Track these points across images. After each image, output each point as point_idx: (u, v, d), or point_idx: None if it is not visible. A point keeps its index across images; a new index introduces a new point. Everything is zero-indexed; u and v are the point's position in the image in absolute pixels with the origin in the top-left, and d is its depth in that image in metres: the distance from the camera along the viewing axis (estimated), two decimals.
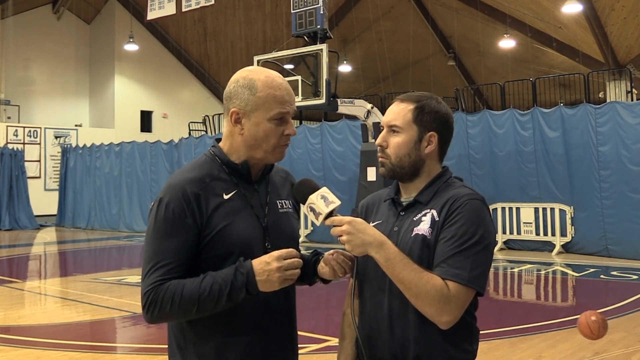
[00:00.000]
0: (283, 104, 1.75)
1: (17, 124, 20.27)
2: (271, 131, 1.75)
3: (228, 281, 1.63)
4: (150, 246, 1.70)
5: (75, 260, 12.51)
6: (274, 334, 1.78)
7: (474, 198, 1.74)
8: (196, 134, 19.65)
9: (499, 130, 11.92)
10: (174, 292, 1.62)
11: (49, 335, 5.95)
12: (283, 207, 1.86)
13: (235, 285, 1.62)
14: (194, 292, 1.62)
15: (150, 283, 1.65)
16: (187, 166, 1.80)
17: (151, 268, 1.66)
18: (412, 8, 21.58)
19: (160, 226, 1.68)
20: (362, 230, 1.66)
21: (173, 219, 1.67)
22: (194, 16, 21.14)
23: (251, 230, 1.73)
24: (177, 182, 1.72)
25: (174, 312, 1.64)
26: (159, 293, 1.63)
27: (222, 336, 1.71)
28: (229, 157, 1.78)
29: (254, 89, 1.74)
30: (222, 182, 1.76)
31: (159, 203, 1.71)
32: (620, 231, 10.31)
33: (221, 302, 1.63)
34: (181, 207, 1.68)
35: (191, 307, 1.62)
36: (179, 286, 1.63)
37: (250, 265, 1.64)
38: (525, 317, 6.58)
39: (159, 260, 1.66)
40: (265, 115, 1.74)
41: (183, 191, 1.69)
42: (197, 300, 1.61)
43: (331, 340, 5.37)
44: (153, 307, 1.64)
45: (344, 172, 13.35)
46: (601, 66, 16.97)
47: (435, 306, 1.62)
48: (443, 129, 1.83)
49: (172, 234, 1.67)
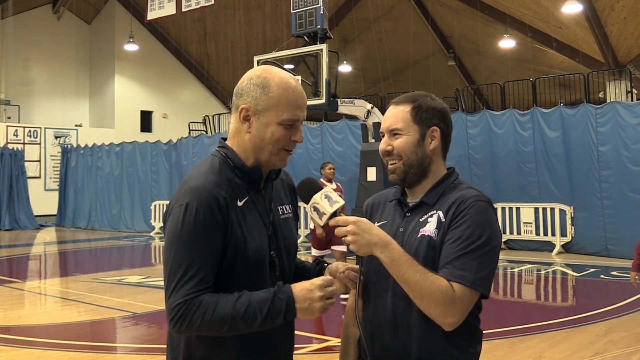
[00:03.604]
0: (295, 109, 1.69)
1: (17, 124, 20.26)
2: (279, 134, 1.68)
3: (265, 305, 1.55)
4: (177, 254, 1.58)
5: (75, 260, 12.51)
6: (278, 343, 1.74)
7: (481, 200, 1.73)
8: (196, 134, 19.64)
9: (498, 131, 11.93)
10: (206, 308, 1.53)
11: (49, 335, 5.95)
12: (284, 212, 1.82)
13: (273, 312, 1.55)
14: (228, 312, 1.54)
15: (182, 296, 1.54)
16: (203, 168, 1.70)
17: (180, 279, 1.55)
18: (412, 8, 21.58)
19: (190, 233, 1.57)
20: (367, 230, 1.65)
21: (204, 226, 1.57)
22: (194, 16, 21.12)
23: (260, 240, 1.69)
24: (202, 185, 1.62)
25: (203, 329, 1.56)
26: (190, 308, 1.54)
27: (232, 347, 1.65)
28: (242, 160, 1.71)
29: (267, 88, 1.68)
30: (236, 187, 1.69)
31: (186, 208, 1.58)
32: (620, 231, 10.31)
33: (254, 325, 1.55)
34: (212, 213, 1.58)
35: (222, 327, 1.55)
36: (211, 303, 1.54)
37: (290, 292, 1.57)
38: (525, 317, 6.58)
39: (188, 270, 1.56)
40: (276, 118, 1.68)
41: (212, 196, 1.60)
42: (230, 321, 1.54)
43: (331, 340, 5.37)
44: (182, 322, 1.54)
45: (344, 172, 13.35)
46: (601, 66, 16.96)
47: (440, 307, 1.62)
48: (443, 122, 1.84)
49: (203, 242, 1.57)
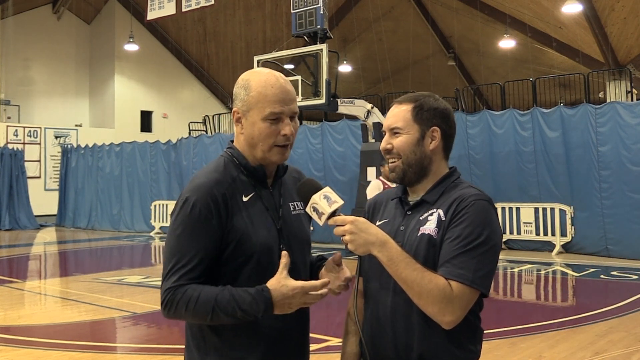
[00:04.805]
0: (275, 104, 1.73)
1: (17, 124, 20.26)
2: (266, 131, 1.74)
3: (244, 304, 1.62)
4: (173, 245, 1.69)
5: (75, 260, 12.51)
6: (291, 338, 1.79)
7: (481, 199, 1.74)
8: (196, 134, 19.65)
9: (498, 131, 11.92)
10: (189, 298, 1.63)
11: (49, 335, 5.95)
12: (295, 209, 1.87)
13: (250, 312, 1.63)
14: (209, 304, 1.62)
15: (170, 284, 1.66)
16: (209, 167, 1.80)
17: (172, 267, 1.67)
18: (412, 8, 21.58)
19: (186, 226, 1.68)
20: (365, 230, 1.66)
21: (199, 219, 1.67)
22: (194, 16, 21.13)
23: (268, 233, 1.74)
24: (203, 183, 1.71)
25: (188, 316, 1.67)
26: (176, 295, 1.64)
27: (245, 339, 1.72)
28: (246, 159, 1.79)
29: (249, 88, 1.76)
30: (241, 184, 1.77)
31: (184, 202, 1.69)
32: (620, 231, 10.32)
33: (235, 319, 1.64)
34: (208, 208, 1.67)
35: (204, 316, 1.64)
36: (195, 293, 1.63)
37: (269, 297, 1.62)
38: (525, 317, 6.58)
39: (180, 260, 1.66)
40: (260, 115, 1.74)
41: (210, 192, 1.69)
42: (212, 312, 1.63)
43: (331, 340, 5.37)
44: (169, 307, 1.66)
45: (345, 172, 13.36)
46: (601, 66, 16.97)
47: (438, 306, 1.62)
48: (444, 123, 1.84)
49: (197, 235, 1.67)
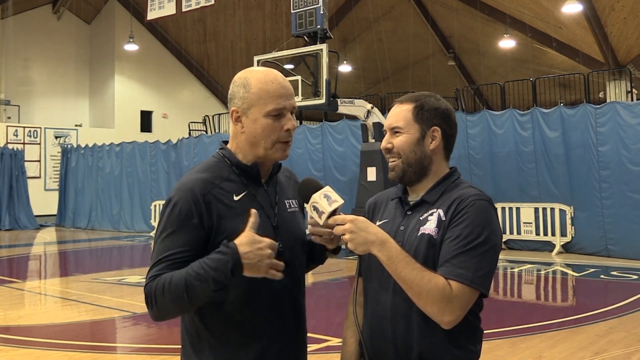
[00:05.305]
0: (277, 99, 1.74)
1: (17, 124, 20.26)
2: (268, 127, 1.74)
3: (212, 263, 1.58)
4: (156, 245, 1.71)
5: (75, 260, 12.51)
6: (286, 335, 1.79)
7: (481, 199, 1.74)
8: (196, 134, 19.65)
9: (498, 131, 11.92)
10: (163, 282, 1.61)
11: (49, 335, 5.95)
12: (291, 206, 1.87)
13: (219, 269, 1.57)
14: (181, 279, 1.59)
15: (147, 280, 1.66)
16: (198, 167, 1.80)
17: (153, 266, 1.67)
18: (412, 8, 21.58)
19: (167, 225, 1.69)
20: (365, 229, 1.66)
21: (179, 219, 1.68)
22: (194, 16, 21.13)
23: (262, 231, 1.71)
24: (185, 183, 1.73)
25: (167, 301, 1.61)
26: (151, 287, 1.63)
27: (239, 337, 1.72)
28: (238, 158, 1.79)
29: (248, 86, 1.76)
30: (232, 183, 1.76)
31: (168, 203, 1.71)
32: (620, 231, 10.31)
33: (208, 283, 1.57)
34: (189, 208, 1.68)
35: (181, 294, 1.58)
36: (167, 277, 1.62)
37: (234, 247, 1.59)
38: (525, 317, 6.58)
39: (160, 257, 1.66)
40: (261, 111, 1.74)
41: (192, 192, 1.69)
42: (185, 286, 1.58)
43: (331, 340, 5.37)
44: (150, 301, 1.64)
45: (345, 172, 13.36)
46: (601, 66, 16.96)
47: (437, 305, 1.62)
48: (445, 123, 1.84)
49: (176, 233, 1.67)
